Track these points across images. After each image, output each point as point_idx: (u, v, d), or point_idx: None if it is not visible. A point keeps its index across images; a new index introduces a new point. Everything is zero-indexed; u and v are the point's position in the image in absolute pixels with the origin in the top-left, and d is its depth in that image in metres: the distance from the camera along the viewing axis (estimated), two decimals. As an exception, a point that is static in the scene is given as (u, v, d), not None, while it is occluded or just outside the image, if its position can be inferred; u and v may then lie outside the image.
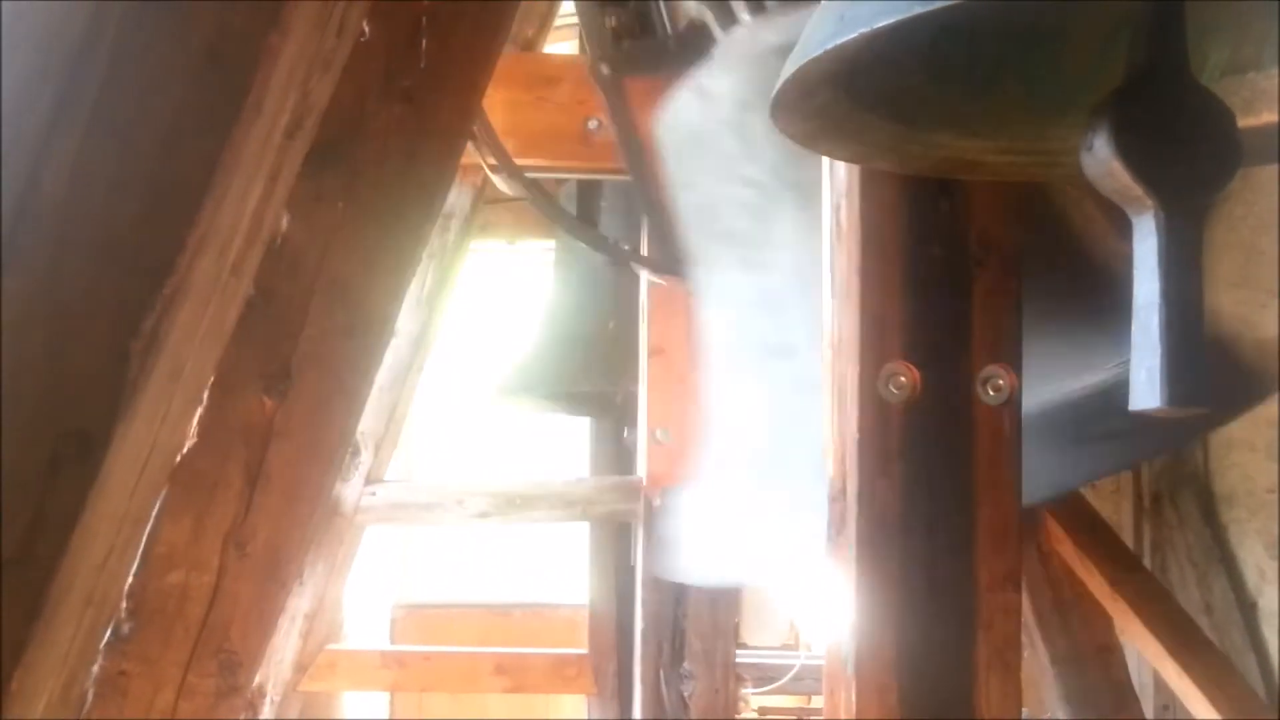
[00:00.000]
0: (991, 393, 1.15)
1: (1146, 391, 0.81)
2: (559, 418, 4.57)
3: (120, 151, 0.92)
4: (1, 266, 0.89)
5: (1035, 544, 2.56)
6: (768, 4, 1.62)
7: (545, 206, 2.56)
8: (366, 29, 1.27)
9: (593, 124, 2.79)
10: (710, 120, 1.63)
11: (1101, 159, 0.83)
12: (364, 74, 1.30)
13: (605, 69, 2.20)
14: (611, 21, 2.31)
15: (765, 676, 4.03)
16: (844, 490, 1.15)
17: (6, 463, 0.89)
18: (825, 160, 1.20)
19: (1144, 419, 0.83)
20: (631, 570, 3.44)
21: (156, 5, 0.93)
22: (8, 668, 0.90)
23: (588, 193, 3.31)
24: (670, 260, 2.37)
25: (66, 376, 0.91)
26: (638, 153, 2.22)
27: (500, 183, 2.46)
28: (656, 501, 3.08)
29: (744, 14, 1.63)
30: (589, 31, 2.30)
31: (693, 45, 1.87)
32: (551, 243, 3.96)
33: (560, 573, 6.39)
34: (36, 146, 0.90)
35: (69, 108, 0.91)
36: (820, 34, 0.84)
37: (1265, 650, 3.58)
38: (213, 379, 1.22)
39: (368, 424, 3.98)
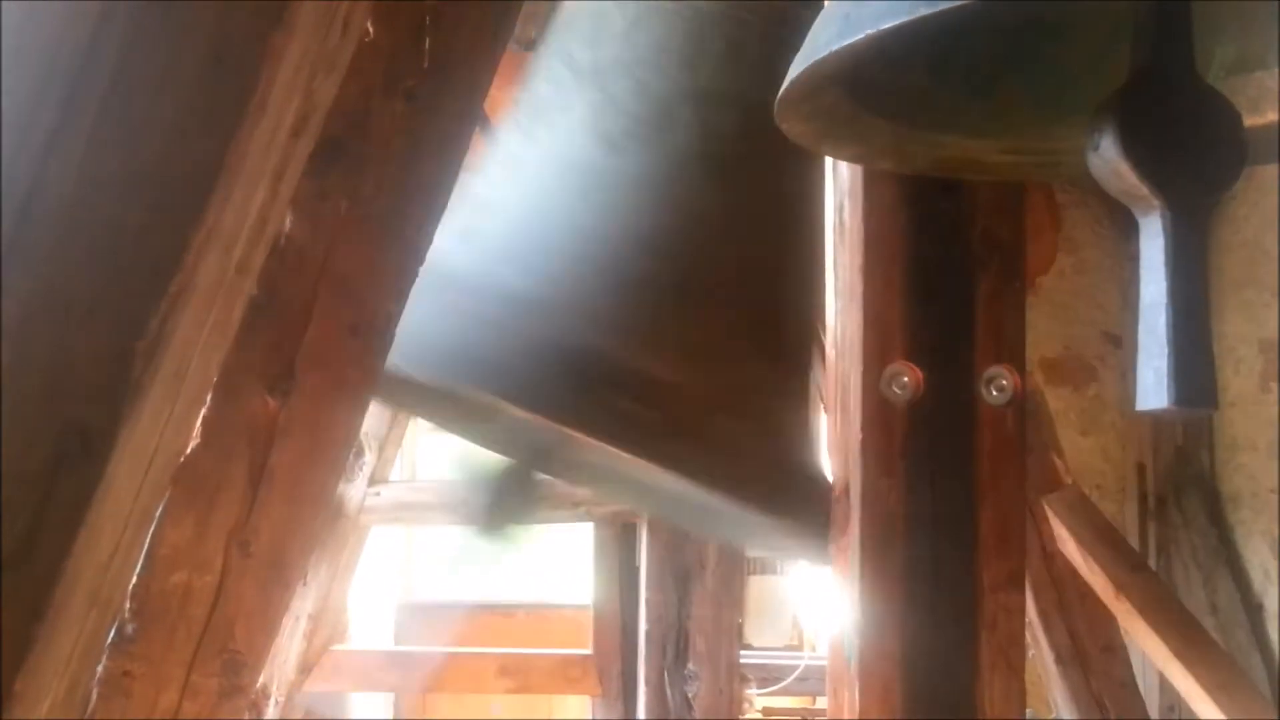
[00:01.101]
0: (995, 393, 1.15)
1: (1153, 391, 0.81)
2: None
3: (126, 151, 0.92)
4: (6, 266, 0.89)
5: (1039, 544, 2.56)
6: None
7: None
8: (370, 29, 1.27)
9: (596, 124, 2.79)
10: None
11: (1107, 159, 0.83)
12: (368, 74, 1.30)
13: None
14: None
15: (769, 677, 4.03)
16: (847, 490, 1.15)
17: (9, 462, 0.89)
18: (829, 160, 1.20)
19: None
20: (636, 571, 3.44)
21: (161, 6, 0.93)
22: (10, 669, 0.90)
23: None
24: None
25: (70, 375, 0.91)
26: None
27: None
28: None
29: None
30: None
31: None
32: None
33: (564, 573, 6.40)
34: (42, 147, 0.90)
35: (75, 108, 0.91)
36: (825, 35, 0.84)
37: (1271, 650, 3.58)
38: (217, 379, 1.22)
39: (372, 424, 3.98)
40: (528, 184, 1.67)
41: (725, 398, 1.58)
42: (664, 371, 1.53)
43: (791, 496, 1.57)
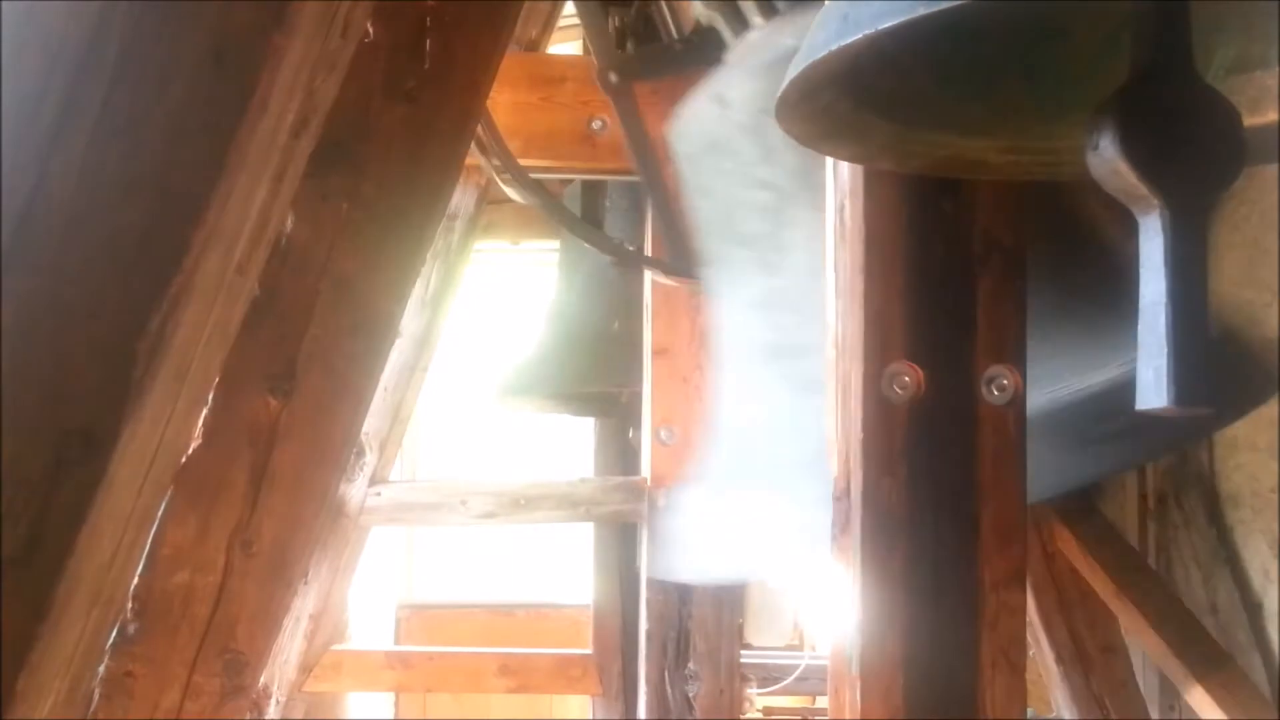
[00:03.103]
0: (996, 392, 1.15)
1: (1153, 391, 0.81)
2: (563, 418, 4.58)
3: (127, 151, 0.92)
4: (7, 266, 0.89)
5: (1040, 543, 2.56)
6: (779, 5, 1.61)
7: (549, 207, 2.56)
8: (371, 29, 1.27)
9: (596, 124, 2.79)
10: (727, 126, 1.64)
11: (1107, 158, 0.83)
12: (368, 74, 1.30)
13: (613, 76, 2.21)
14: (615, 23, 2.31)
15: (770, 677, 4.03)
16: (848, 490, 1.15)
17: (11, 461, 0.89)
18: (829, 160, 1.20)
19: (1148, 419, 0.83)
20: (636, 570, 3.44)
21: (162, 5, 0.93)
22: (13, 667, 0.90)
23: (592, 193, 3.31)
24: (680, 261, 2.37)
25: (72, 376, 0.91)
26: (649, 157, 2.22)
27: (504, 185, 2.46)
28: (661, 501, 3.08)
29: (756, 17, 1.63)
30: (593, 35, 2.30)
31: (701, 49, 1.87)
32: (555, 243, 3.96)
33: (565, 573, 6.39)
34: (43, 147, 0.90)
35: (76, 108, 0.91)
36: (824, 35, 0.84)
37: (1270, 650, 3.58)
38: (218, 379, 1.22)
39: (372, 424, 3.98)
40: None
41: None
42: None
43: None
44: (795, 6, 1.58)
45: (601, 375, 3.72)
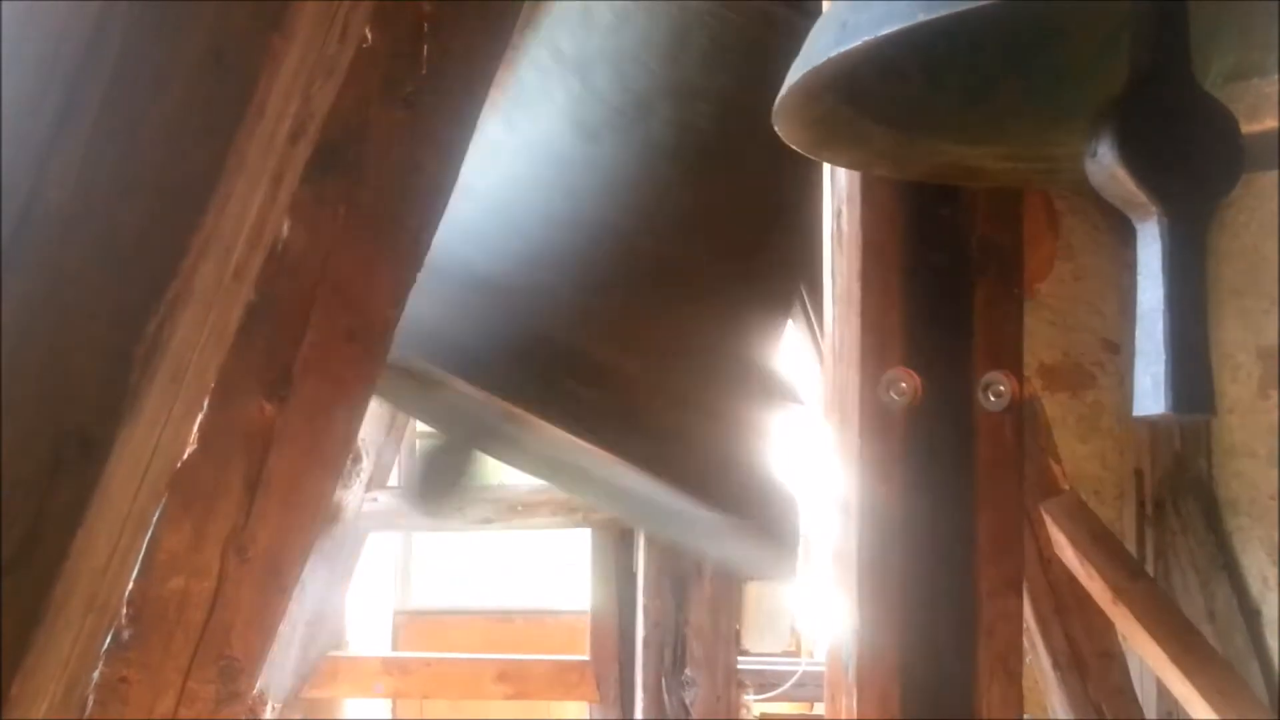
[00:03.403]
0: (993, 399, 1.15)
1: (1151, 397, 0.81)
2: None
3: (124, 155, 0.92)
4: (5, 267, 0.89)
5: (1037, 550, 2.56)
6: None
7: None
8: (368, 34, 1.27)
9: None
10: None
11: (1105, 165, 0.83)
12: (366, 79, 1.30)
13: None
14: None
15: (767, 683, 4.03)
16: (845, 496, 1.15)
17: (7, 466, 0.88)
18: (826, 167, 1.20)
19: None
20: (633, 577, 3.44)
21: (161, 7, 0.93)
22: (8, 673, 0.90)
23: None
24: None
25: (68, 380, 0.91)
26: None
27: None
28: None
29: None
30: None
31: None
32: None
33: (562, 579, 6.39)
34: (41, 150, 0.90)
35: (74, 111, 0.91)
36: (822, 42, 0.84)
37: (1268, 657, 3.58)
38: (214, 383, 1.22)
39: (369, 430, 3.98)
40: (504, 169, 1.68)
41: (685, 392, 1.58)
42: (623, 361, 1.53)
43: (746, 498, 1.57)
44: None
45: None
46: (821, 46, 0.84)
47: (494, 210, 1.63)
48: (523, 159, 1.68)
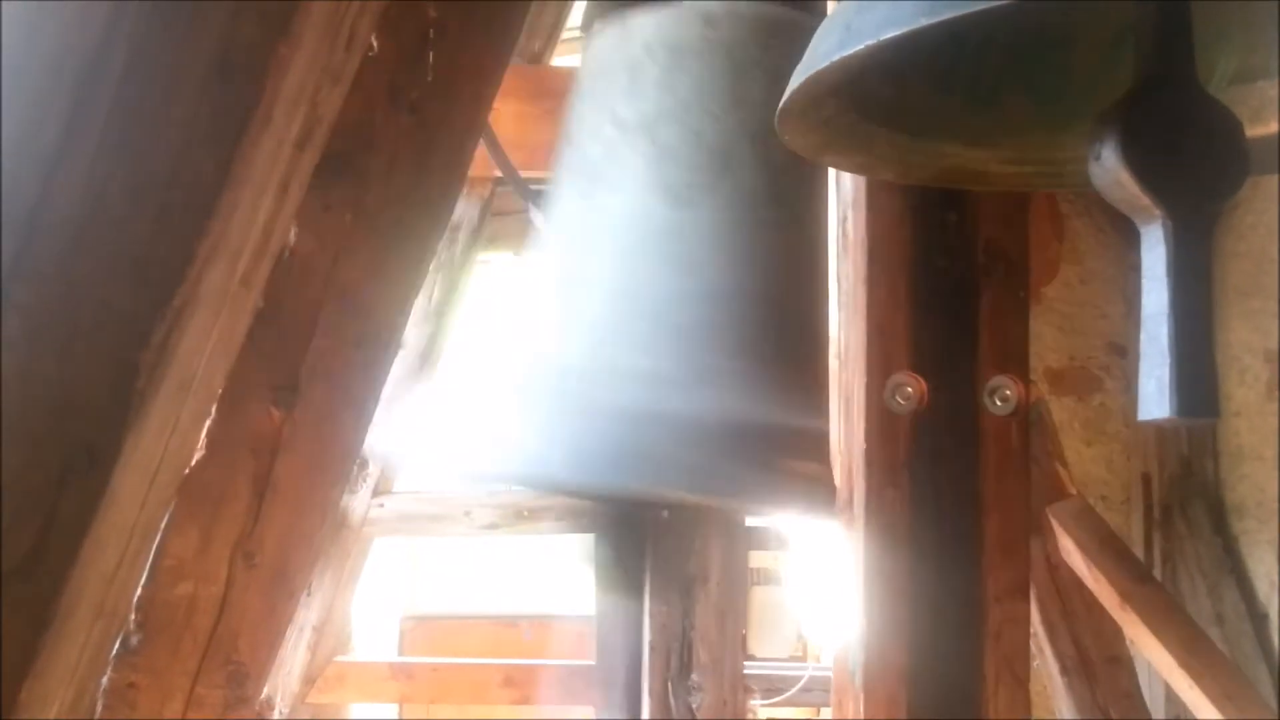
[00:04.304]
0: (999, 403, 1.15)
1: (1156, 401, 0.81)
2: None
3: (132, 163, 0.92)
4: (12, 276, 0.89)
5: (1044, 554, 2.55)
6: None
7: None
8: (375, 42, 1.28)
9: (600, 136, 2.79)
10: (619, 55, 1.64)
11: (1109, 169, 0.83)
12: (372, 86, 1.31)
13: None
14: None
15: (773, 688, 4.02)
16: (851, 501, 1.15)
17: (15, 473, 0.89)
18: (831, 172, 1.21)
19: None
20: (639, 582, 3.44)
21: (167, 17, 0.94)
22: (16, 677, 0.90)
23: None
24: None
25: (76, 388, 0.91)
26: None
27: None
28: (664, 513, 3.08)
29: None
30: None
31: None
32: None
33: (568, 584, 6.39)
34: (49, 159, 0.91)
35: (81, 120, 0.91)
36: (826, 46, 0.84)
37: (1276, 660, 3.57)
38: (221, 390, 1.22)
39: (375, 436, 3.97)
40: (602, 250, 1.60)
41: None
42: (808, 422, 1.44)
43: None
44: None
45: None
46: (825, 50, 0.84)
47: (610, 297, 1.54)
48: (619, 234, 1.60)
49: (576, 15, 3.16)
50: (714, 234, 1.58)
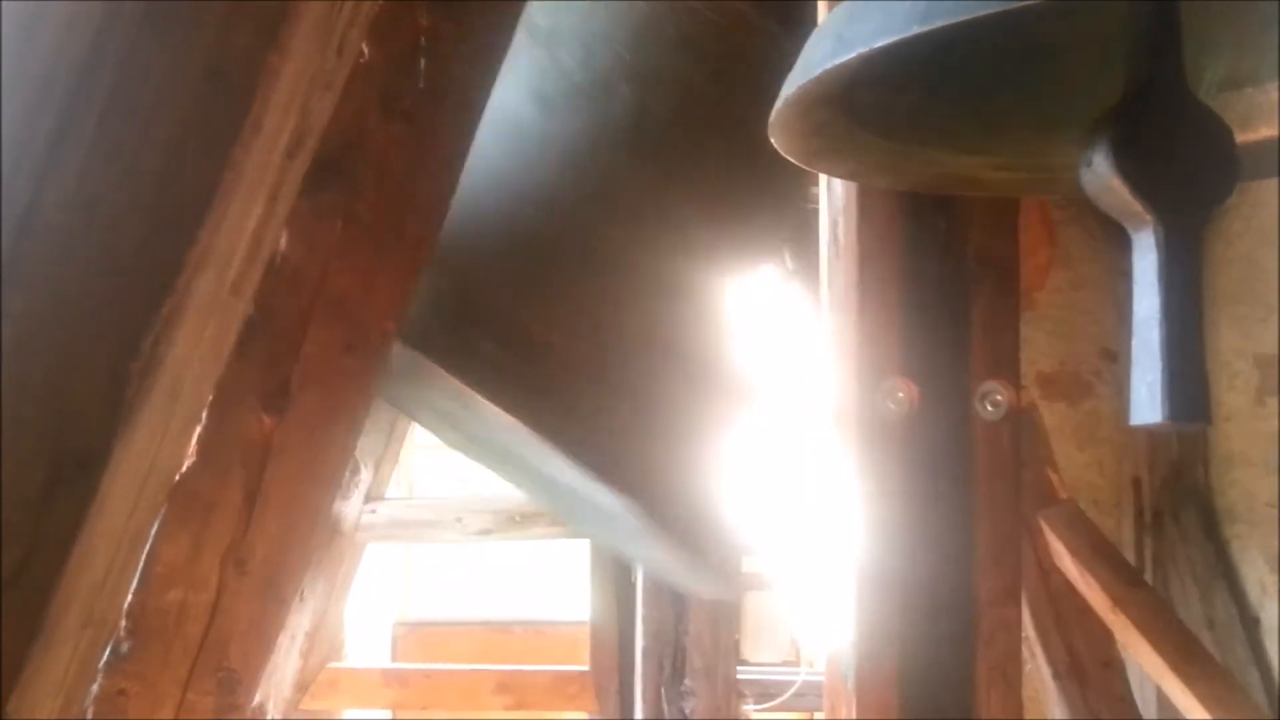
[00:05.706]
0: (990, 408, 1.15)
1: (1147, 406, 0.81)
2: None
3: (122, 171, 0.92)
4: (3, 285, 0.89)
5: (1036, 559, 2.56)
6: None
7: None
8: (366, 49, 1.28)
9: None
10: None
11: (1100, 175, 0.83)
12: (363, 94, 1.31)
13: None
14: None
15: (766, 693, 4.02)
16: (843, 504, 1.15)
17: (5, 482, 0.88)
18: (823, 178, 1.21)
19: None
20: (632, 587, 3.44)
21: (158, 25, 0.93)
22: (6, 687, 0.90)
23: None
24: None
25: (65, 396, 0.91)
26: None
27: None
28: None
29: None
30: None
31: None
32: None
33: (561, 590, 6.38)
34: (39, 166, 0.90)
35: (71, 127, 0.91)
36: (818, 54, 0.84)
37: (1268, 665, 3.57)
38: (212, 398, 1.22)
39: (368, 441, 3.97)
40: None
41: (609, 374, 1.55)
42: (548, 334, 1.51)
43: (669, 493, 1.54)
44: None
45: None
46: (817, 58, 0.84)
47: None
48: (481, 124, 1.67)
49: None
50: (567, 148, 1.64)
